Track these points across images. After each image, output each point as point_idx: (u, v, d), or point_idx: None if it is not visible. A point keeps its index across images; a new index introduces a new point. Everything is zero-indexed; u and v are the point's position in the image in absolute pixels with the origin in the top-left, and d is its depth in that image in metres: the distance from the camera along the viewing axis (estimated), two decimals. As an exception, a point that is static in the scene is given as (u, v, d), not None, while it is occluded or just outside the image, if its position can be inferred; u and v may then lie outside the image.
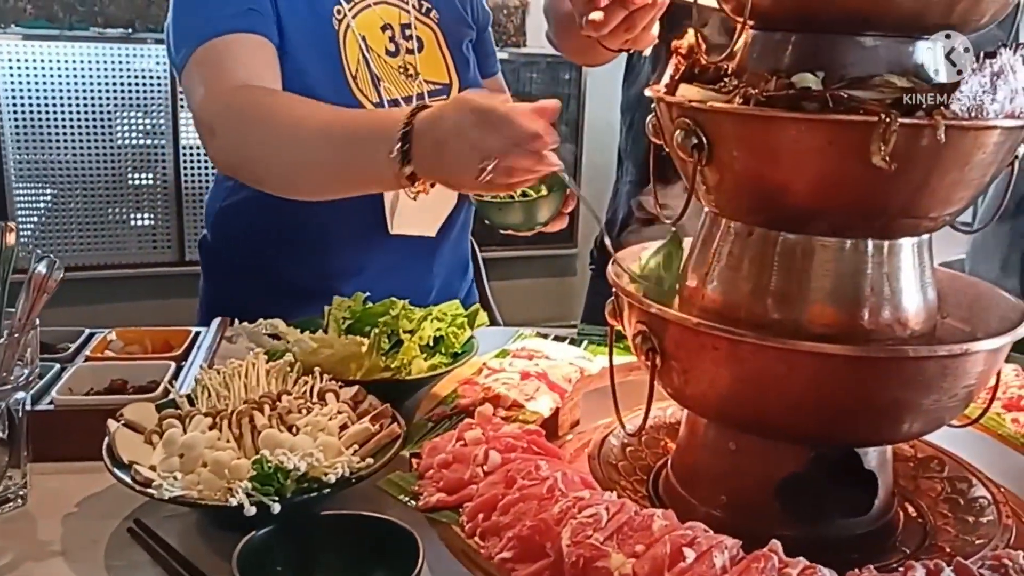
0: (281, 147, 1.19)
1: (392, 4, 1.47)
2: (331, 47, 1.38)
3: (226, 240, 1.59)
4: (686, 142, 0.84)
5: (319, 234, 1.47)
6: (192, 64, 1.28)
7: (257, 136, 1.20)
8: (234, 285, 1.59)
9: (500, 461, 0.87)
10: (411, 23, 1.47)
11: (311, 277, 1.49)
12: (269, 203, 1.45)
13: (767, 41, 0.86)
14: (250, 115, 1.21)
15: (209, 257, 1.64)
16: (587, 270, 2.01)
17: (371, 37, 1.42)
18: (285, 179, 1.23)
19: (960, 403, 0.86)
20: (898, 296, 0.86)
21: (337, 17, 1.40)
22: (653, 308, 0.87)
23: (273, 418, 0.98)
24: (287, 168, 1.20)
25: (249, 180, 1.29)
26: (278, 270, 1.52)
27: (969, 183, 0.80)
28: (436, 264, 1.58)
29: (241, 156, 1.24)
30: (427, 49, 1.48)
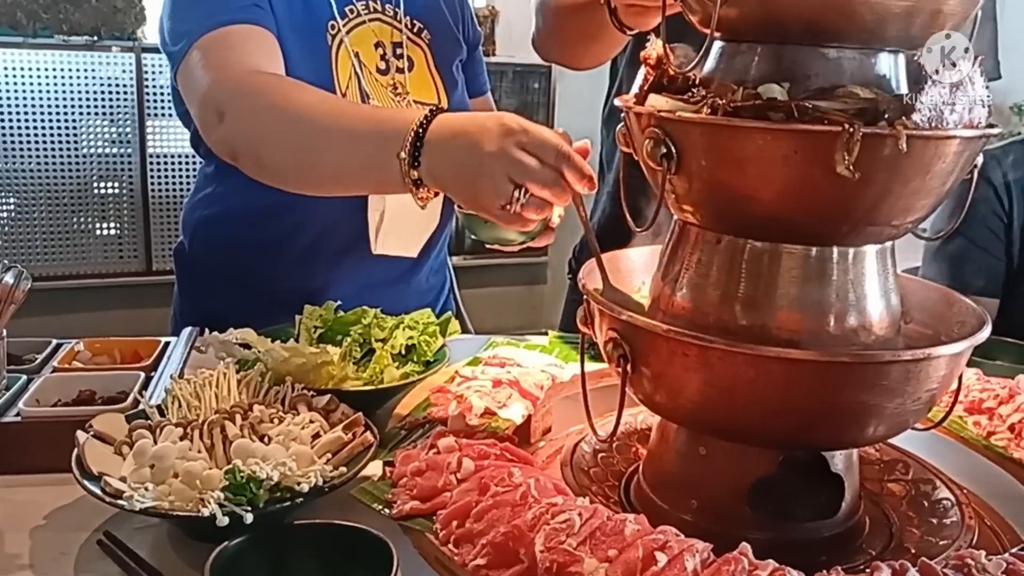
0: (292, 132, 1.14)
1: (386, 22, 1.47)
2: (323, 62, 1.37)
3: (205, 249, 1.58)
4: (655, 151, 0.86)
5: (300, 249, 1.47)
6: (195, 51, 1.25)
7: (269, 120, 1.16)
8: (210, 295, 1.58)
9: (473, 468, 0.87)
10: (403, 42, 1.47)
11: (289, 291, 1.48)
12: (253, 214, 1.46)
13: (734, 52, 0.88)
14: (263, 99, 1.17)
15: (185, 266, 1.62)
16: (557, 278, 2.02)
17: (364, 53, 1.42)
18: (291, 167, 1.18)
19: (924, 406, 0.88)
20: (863, 302, 0.88)
21: (331, 32, 1.39)
22: (624, 315, 0.88)
23: (245, 428, 0.98)
24: (296, 155, 1.15)
25: (251, 166, 1.22)
26: (256, 283, 1.51)
27: (930, 191, 0.82)
28: (415, 284, 1.58)
29: (249, 140, 1.19)
30: (417, 69, 1.48)
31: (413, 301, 1.52)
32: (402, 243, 1.43)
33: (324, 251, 1.46)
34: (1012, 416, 1.08)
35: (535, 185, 0.94)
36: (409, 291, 1.56)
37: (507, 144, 0.93)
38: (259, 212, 1.45)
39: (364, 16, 1.44)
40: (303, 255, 1.47)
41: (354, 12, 1.43)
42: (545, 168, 0.93)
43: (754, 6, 0.81)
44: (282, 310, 1.40)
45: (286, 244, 1.46)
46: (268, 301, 1.47)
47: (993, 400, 1.12)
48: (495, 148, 0.94)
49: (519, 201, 0.93)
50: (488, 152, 0.94)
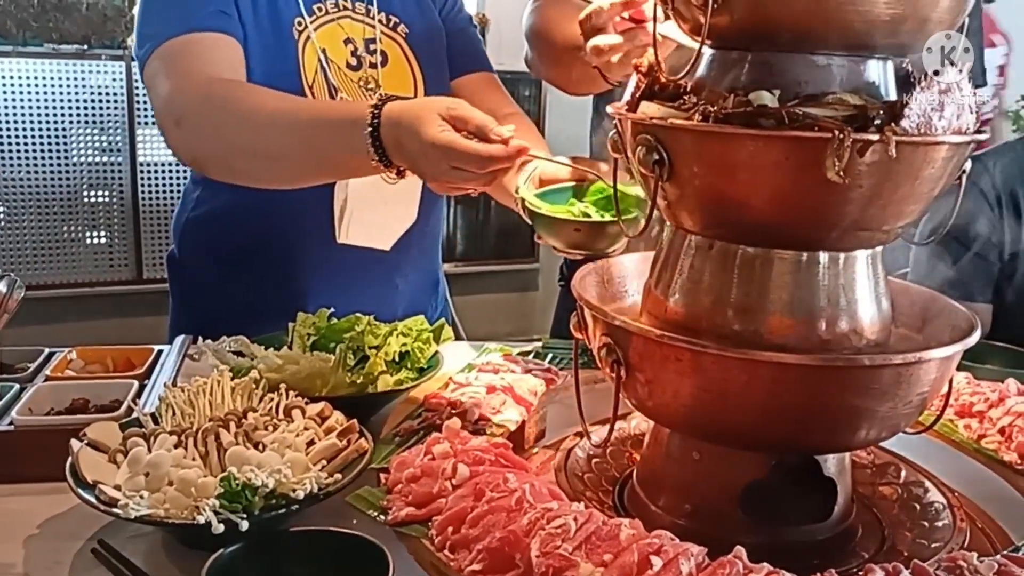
0: (257, 137, 1.21)
1: (357, 20, 1.48)
2: (289, 57, 1.39)
3: (192, 253, 1.59)
4: (647, 158, 0.86)
5: (278, 248, 1.48)
6: (156, 57, 1.28)
7: (232, 127, 1.22)
8: (201, 301, 1.59)
9: (468, 474, 0.87)
10: (376, 38, 1.48)
11: (274, 293, 1.49)
12: (231, 214, 1.48)
13: (725, 59, 0.88)
14: (223, 105, 1.22)
15: (176, 272, 1.64)
16: (549, 285, 2.03)
17: (332, 50, 1.43)
18: (262, 170, 1.25)
19: (915, 410, 0.88)
20: (853, 306, 0.89)
21: (298, 28, 1.41)
22: (617, 321, 0.89)
23: (239, 435, 0.98)
24: (264, 159, 1.23)
25: (222, 173, 1.30)
26: (242, 285, 1.52)
27: (919, 197, 0.83)
28: (399, 281, 1.58)
29: (215, 148, 1.25)
30: (392, 63, 1.49)
31: (402, 306, 1.52)
32: (370, 234, 1.43)
33: (300, 247, 1.47)
34: (1002, 419, 1.09)
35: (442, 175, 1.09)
36: (396, 295, 1.56)
37: (440, 165, 1.08)
38: (239, 212, 1.48)
39: (332, 14, 1.46)
40: (281, 254, 1.48)
41: (322, 10, 1.45)
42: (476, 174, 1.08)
43: (744, 15, 0.81)
44: (270, 314, 1.41)
45: (263, 243, 1.48)
46: (255, 305, 1.49)
47: (983, 403, 1.13)
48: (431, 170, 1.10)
49: (457, 176, 1.08)
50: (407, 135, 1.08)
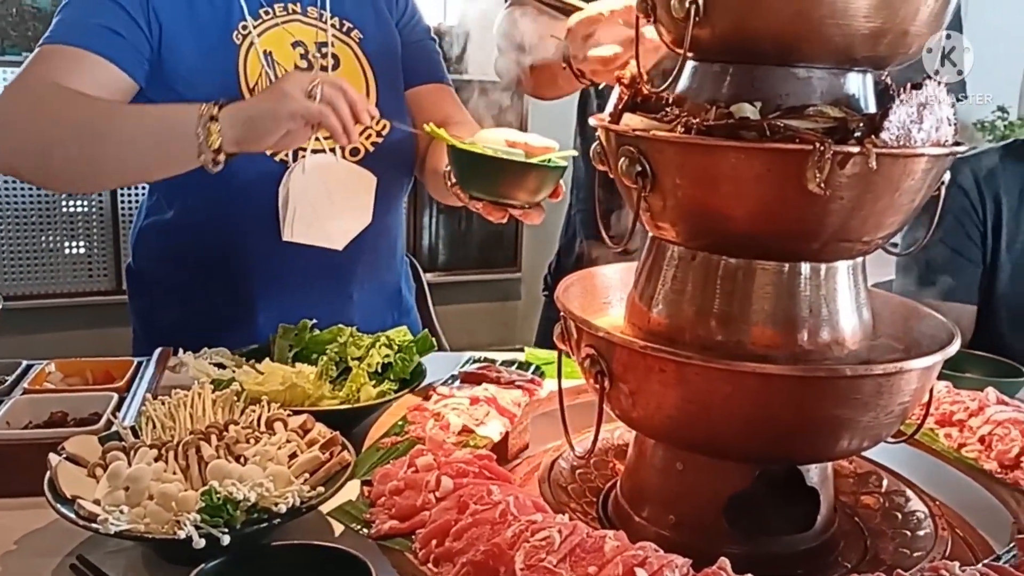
0: (75, 137, 1.26)
1: (307, 23, 1.49)
2: (228, 62, 1.41)
3: (147, 264, 1.60)
4: (630, 170, 0.87)
5: (227, 255, 1.48)
6: (33, 56, 1.32)
7: (46, 128, 1.26)
8: (158, 311, 1.60)
9: (452, 487, 0.87)
10: (328, 41, 1.48)
11: (225, 302, 1.50)
12: (180, 223, 1.50)
13: (706, 72, 0.89)
14: (41, 111, 1.27)
15: (133, 282, 1.64)
16: (531, 294, 2.03)
17: (278, 53, 1.45)
18: (78, 169, 1.30)
19: (896, 419, 0.89)
20: (835, 317, 0.89)
21: (242, 33, 1.42)
22: (601, 332, 0.89)
23: (220, 448, 0.97)
24: (81, 159, 1.28)
25: (36, 175, 1.38)
26: (196, 295, 1.52)
27: (899, 208, 0.84)
28: (355, 291, 1.57)
29: (32, 151, 1.29)
30: (344, 66, 1.50)
31: (358, 317, 1.51)
32: (319, 232, 1.42)
33: (255, 256, 1.47)
34: (982, 428, 1.09)
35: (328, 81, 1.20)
36: (352, 306, 1.56)
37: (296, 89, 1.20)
38: (188, 221, 1.49)
39: (280, 17, 1.47)
40: (229, 259, 1.49)
41: (269, 14, 1.46)
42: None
43: (726, 28, 0.82)
44: (224, 323, 1.44)
45: (211, 250, 1.48)
46: (209, 313, 1.51)
47: (963, 412, 1.14)
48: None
49: (317, 89, 1.19)
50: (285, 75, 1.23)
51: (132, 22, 1.35)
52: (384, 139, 1.52)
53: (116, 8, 1.35)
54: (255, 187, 1.41)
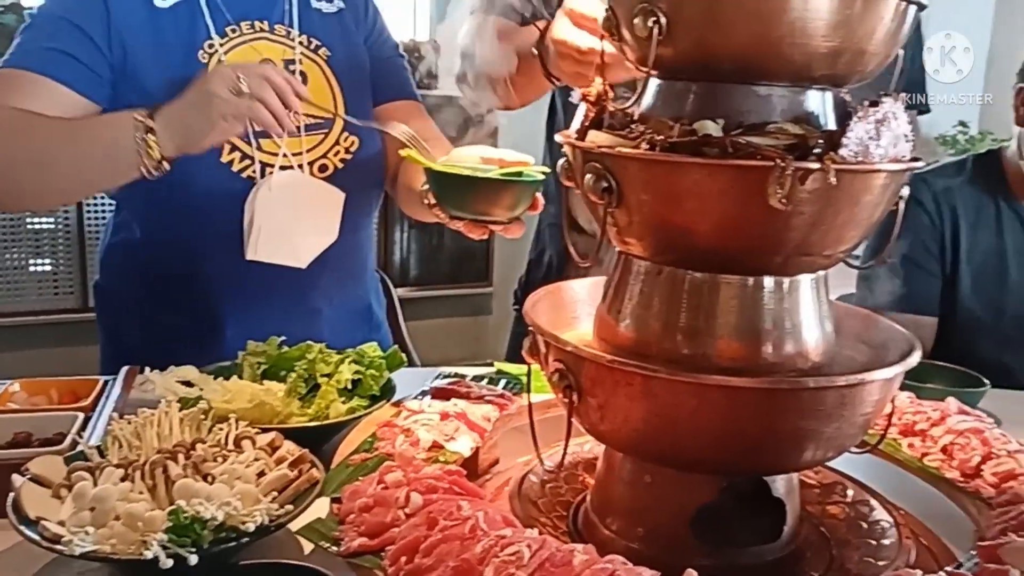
0: (28, 157, 1.27)
1: (275, 41, 1.49)
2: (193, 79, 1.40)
3: (114, 280, 1.60)
4: (596, 186, 0.88)
5: (192, 271, 1.47)
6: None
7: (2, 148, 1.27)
8: (125, 329, 1.59)
9: (422, 503, 0.87)
10: (296, 59, 1.49)
11: (192, 319, 1.50)
12: (146, 240, 1.51)
13: (670, 90, 0.90)
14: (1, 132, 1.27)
15: (101, 300, 1.63)
16: (502, 309, 2.03)
17: None
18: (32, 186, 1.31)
19: (859, 430, 0.90)
20: (799, 329, 0.91)
21: (208, 51, 1.42)
22: (569, 346, 0.90)
23: (188, 467, 0.96)
24: (35, 175, 1.28)
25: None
26: (163, 312, 1.52)
27: (859, 222, 0.85)
28: (323, 306, 1.57)
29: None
30: (312, 84, 1.49)
31: (326, 333, 1.51)
32: (282, 250, 1.42)
33: (220, 272, 1.47)
34: (943, 438, 1.11)
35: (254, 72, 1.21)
36: (321, 321, 1.56)
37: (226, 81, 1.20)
38: (153, 238, 1.49)
39: (248, 35, 1.47)
40: (200, 278, 1.48)
41: (236, 32, 1.46)
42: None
43: (689, 47, 0.83)
44: (192, 341, 1.45)
45: (183, 268, 1.48)
46: (177, 331, 1.50)
47: (925, 422, 1.16)
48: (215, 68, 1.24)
49: (243, 84, 1.19)
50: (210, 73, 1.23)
51: (91, 44, 1.35)
52: (353, 156, 1.52)
53: (75, 31, 1.34)
54: (222, 205, 1.40)
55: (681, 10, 0.82)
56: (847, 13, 0.79)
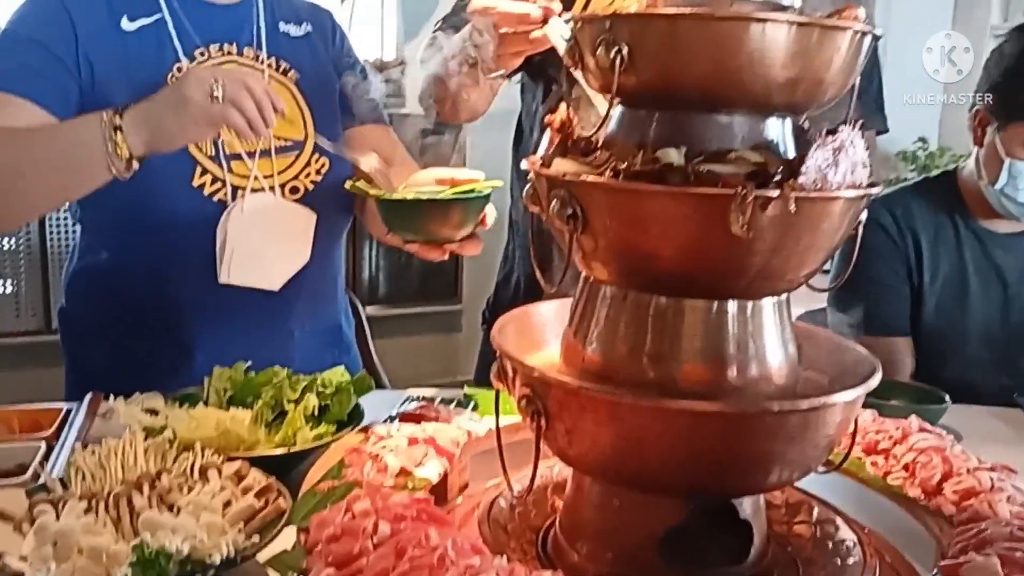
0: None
1: (244, 64, 1.49)
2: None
3: (80, 305, 1.58)
4: (562, 212, 0.88)
5: (162, 294, 1.46)
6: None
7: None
8: (91, 355, 1.57)
9: (390, 532, 0.86)
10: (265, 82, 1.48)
11: (161, 343, 1.48)
12: (114, 263, 1.49)
13: (634, 117, 0.91)
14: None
15: (66, 325, 1.61)
16: (472, 326, 2.03)
17: None
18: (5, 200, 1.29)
19: (822, 451, 0.92)
20: (762, 353, 0.92)
21: (176, 74, 1.41)
22: (536, 372, 0.90)
23: (153, 498, 0.95)
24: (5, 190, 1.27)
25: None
26: (130, 336, 1.50)
27: (820, 248, 0.87)
28: (295, 329, 1.57)
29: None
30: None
31: (298, 356, 1.51)
32: (255, 274, 1.42)
33: (190, 295, 1.46)
34: (906, 456, 1.13)
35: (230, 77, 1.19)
36: (292, 344, 1.55)
37: (203, 84, 1.18)
38: (122, 260, 1.48)
39: (216, 58, 1.47)
40: (170, 301, 1.47)
41: (205, 55, 1.46)
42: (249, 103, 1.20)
43: (650, 76, 0.85)
44: (160, 368, 1.43)
45: (152, 291, 1.47)
46: (145, 357, 1.49)
47: (888, 441, 1.17)
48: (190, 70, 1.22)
49: (219, 89, 1.18)
50: (186, 72, 1.22)
51: (60, 64, 1.34)
52: (323, 178, 1.52)
53: (42, 50, 1.34)
54: (194, 228, 1.40)
55: (643, 41, 0.83)
56: (804, 44, 0.81)
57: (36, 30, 1.36)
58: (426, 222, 1.24)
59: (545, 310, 1.12)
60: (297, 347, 1.56)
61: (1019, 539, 0.88)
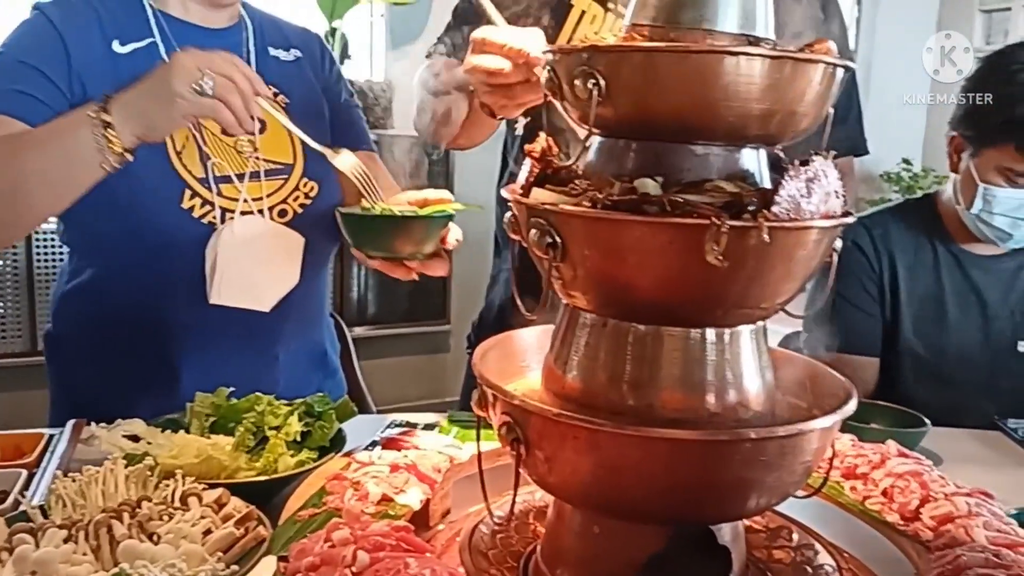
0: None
1: None
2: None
3: (67, 327, 1.57)
4: (541, 241, 0.89)
5: (149, 317, 1.46)
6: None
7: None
8: (78, 377, 1.57)
9: (368, 561, 0.87)
10: None
11: (149, 365, 1.48)
12: (102, 285, 1.49)
13: (612, 148, 0.93)
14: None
15: (52, 348, 1.61)
16: (460, 346, 2.03)
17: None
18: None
19: (800, 477, 0.92)
20: (739, 380, 0.93)
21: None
22: (516, 400, 0.90)
23: (133, 527, 0.95)
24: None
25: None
26: (118, 360, 1.50)
27: (794, 276, 0.88)
28: (280, 352, 1.57)
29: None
30: (270, 131, 1.50)
31: (283, 379, 1.51)
32: (245, 294, 1.43)
33: (178, 317, 1.46)
34: (884, 481, 1.14)
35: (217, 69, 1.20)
36: (277, 367, 1.56)
37: (188, 70, 1.20)
38: (109, 283, 1.48)
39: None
40: (157, 324, 1.47)
41: None
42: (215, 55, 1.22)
43: (627, 108, 0.86)
44: (147, 392, 1.43)
45: (139, 314, 1.47)
46: (132, 379, 1.48)
47: (866, 466, 1.18)
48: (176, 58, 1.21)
49: (206, 84, 1.18)
50: (172, 61, 1.21)
51: (52, 86, 1.35)
52: (312, 201, 1.53)
53: (34, 73, 1.34)
54: (183, 251, 1.41)
55: (619, 73, 0.84)
56: (777, 77, 0.82)
57: (29, 53, 1.36)
58: (385, 238, 1.28)
59: (527, 336, 1.13)
60: (282, 370, 1.56)
61: (994, 565, 0.88)
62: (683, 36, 0.87)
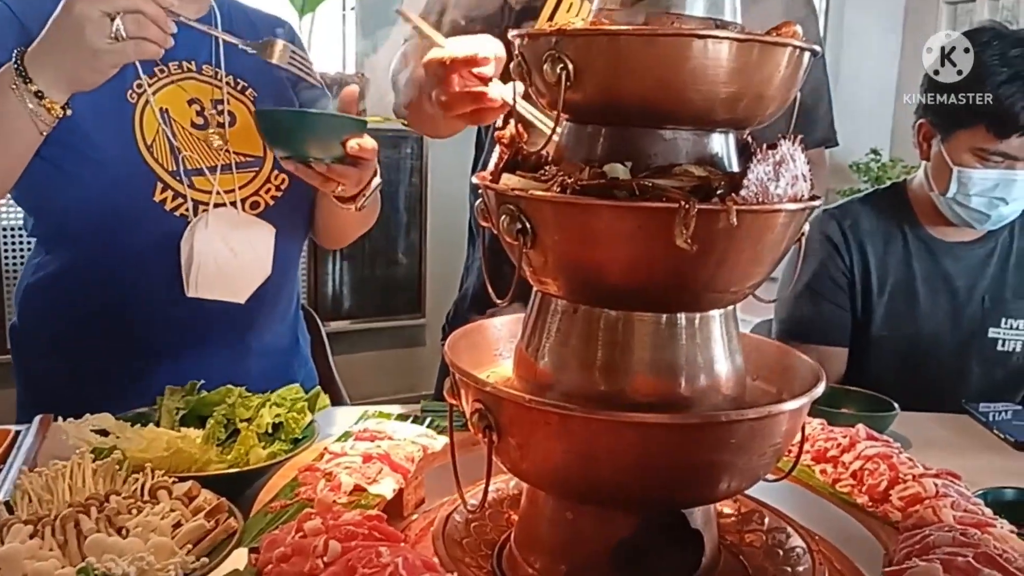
0: None
1: (203, 81, 1.50)
2: (124, 119, 1.40)
3: (34, 322, 1.55)
4: (511, 227, 0.89)
5: (121, 309, 1.45)
6: None
7: None
8: (46, 373, 1.54)
9: (340, 551, 0.86)
10: (224, 99, 1.49)
11: (118, 358, 1.47)
12: (71, 277, 1.47)
13: (581, 133, 0.92)
14: None
15: (17, 343, 1.58)
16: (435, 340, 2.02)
17: (175, 110, 1.45)
18: None
19: (770, 460, 0.93)
20: (710, 363, 0.93)
21: (136, 91, 1.42)
22: (488, 387, 0.90)
23: (100, 521, 0.94)
24: None
25: None
26: (88, 353, 1.48)
27: (763, 260, 0.88)
28: (254, 342, 1.57)
29: None
30: (240, 123, 1.50)
31: (256, 369, 1.50)
32: (222, 286, 1.43)
33: (150, 309, 1.46)
34: (854, 464, 1.15)
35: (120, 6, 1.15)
36: (250, 357, 1.55)
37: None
38: (79, 274, 1.46)
39: (175, 75, 1.47)
40: (124, 314, 1.46)
41: (164, 72, 1.46)
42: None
43: (595, 93, 0.86)
44: (117, 382, 1.42)
45: (105, 303, 1.46)
46: (101, 372, 1.47)
47: (836, 449, 1.19)
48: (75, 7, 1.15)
49: (120, 29, 1.14)
50: (77, 6, 1.15)
51: None
52: (283, 193, 1.53)
53: None
54: (156, 244, 1.40)
55: (587, 57, 0.84)
56: (745, 60, 0.83)
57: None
58: (294, 136, 1.26)
59: (498, 325, 1.13)
60: (254, 363, 1.56)
61: (961, 544, 0.89)
62: (651, 20, 0.87)
